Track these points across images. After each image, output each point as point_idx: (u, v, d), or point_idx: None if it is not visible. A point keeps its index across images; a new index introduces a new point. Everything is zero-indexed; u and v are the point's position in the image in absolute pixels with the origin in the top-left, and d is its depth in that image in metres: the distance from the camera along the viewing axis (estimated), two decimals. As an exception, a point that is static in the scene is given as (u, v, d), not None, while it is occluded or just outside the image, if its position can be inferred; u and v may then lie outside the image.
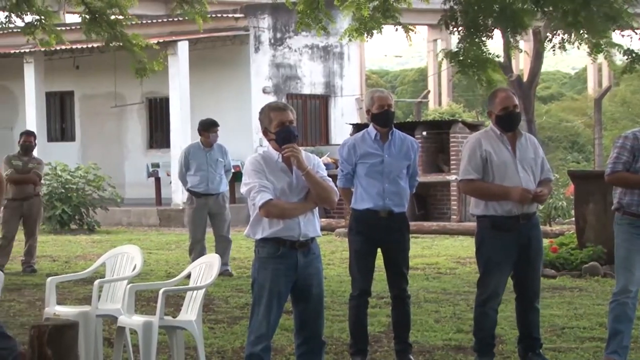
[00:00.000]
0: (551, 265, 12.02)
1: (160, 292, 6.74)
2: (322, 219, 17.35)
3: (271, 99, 22.61)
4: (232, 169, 13.18)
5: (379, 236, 7.19)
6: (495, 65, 12.78)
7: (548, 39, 14.51)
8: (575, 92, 51.96)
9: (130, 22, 14.81)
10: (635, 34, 13.84)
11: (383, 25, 13.05)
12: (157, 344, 6.78)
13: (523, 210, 6.85)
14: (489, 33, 12.53)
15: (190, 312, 6.87)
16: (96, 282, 7.25)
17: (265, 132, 5.98)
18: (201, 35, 21.71)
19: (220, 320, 9.12)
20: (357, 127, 19.90)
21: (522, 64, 39.05)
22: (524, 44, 27.85)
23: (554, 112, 40.52)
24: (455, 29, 12.93)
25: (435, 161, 20.23)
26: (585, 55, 14.18)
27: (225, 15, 23.86)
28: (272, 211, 5.79)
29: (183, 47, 22.38)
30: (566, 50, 13.21)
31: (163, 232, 20.22)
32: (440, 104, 45.05)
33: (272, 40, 24.47)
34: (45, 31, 14.23)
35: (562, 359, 7.38)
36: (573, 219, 14.25)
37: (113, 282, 7.42)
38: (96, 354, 7.12)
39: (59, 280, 7.82)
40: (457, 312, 9.41)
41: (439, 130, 20.21)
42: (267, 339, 5.89)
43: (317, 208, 5.95)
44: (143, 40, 14.45)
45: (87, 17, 14.24)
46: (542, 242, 7.15)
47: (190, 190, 12.41)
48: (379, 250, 7.27)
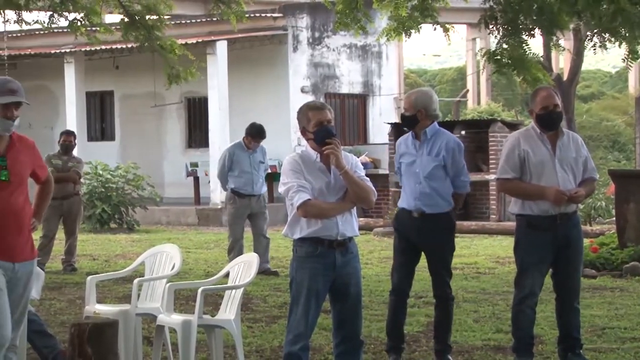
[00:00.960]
0: (591, 266, 11.93)
1: (199, 291, 6.76)
2: (361, 219, 17.33)
3: (309, 98, 22.60)
4: (269, 169, 13.29)
5: (414, 236, 7.20)
6: (535, 64, 12.68)
7: (588, 37, 14.39)
8: (616, 90, 51.53)
9: (168, 23, 14.89)
10: None
11: (421, 25, 13.00)
12: (196, 343, 6.81)
13: (560, 210, 6.80)
14: (530, 32, 12.44)
15: (228, 311, 6.89)
16: (136, 281, 7.29)
17: (304, 131, 5.98)
18: (239, 35, 21.77)
19: (259, 319, 9.14)
20: (395, 127, 19.88)
21: (562, 63, 38.76)
22: (564, 42, 27.65)
23: (594, 111, 40.23)
24: (494, 29, 12.85)
25: (474, 160, 20.12)
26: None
27: (263, 15, 23.91)
28: (310, 211, 5.79)
29: (222, 46, 22.46)
30: (607, 49, 13.06)
31: (201, 231, 20.29)
32: (479, 103, 44.82)
33: (310, 40, 24.48)
34: (90, 28, 14.32)
35: (602, 359, 7.33)
36: (613, 218, 14.15)
37: (152, 281, 7.46)
38: (135, 353, 7.16)
39: (99, 279, 7.88)
40: (496, 312, 9.37)
41: (478, 130, 20.12)
42: (306, 338, 5.89)
43: (355, 207, 5.95)
44: (180, 47, 14.51)
45: (125, 19, 14.34)
46: (583, 242, 7.08)
47: (235, 191, 12.48)
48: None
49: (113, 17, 21.11)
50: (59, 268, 13.23)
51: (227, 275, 7.13)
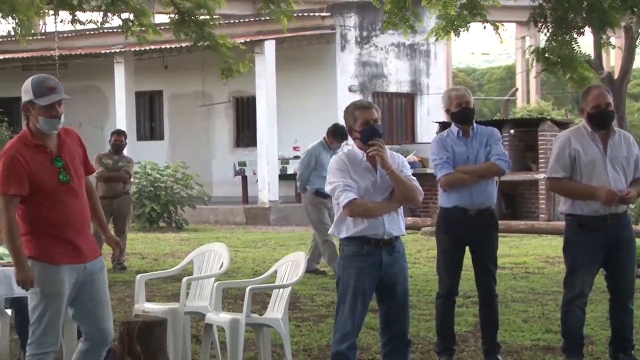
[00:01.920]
0: (644, 266, 11.77)
1: (247, 290, 6.78)
2: (408, 218, 17.29)
3: (357, 97, 22.58)
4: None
5: (468, 234, 7.13)
6: (583, 63, 12.54)
7: (640, 35, 14.24)
8: (667, 88, 50.79)
9: (218, 22, 14.95)
10: None
11: (470, 24, 12.92)
12: (244, 342, 6.84)
13: (611, 210, 6.72)
14: (580, 30, 12.32)
15: (276, 310, 6.91)
16: (184, 280, 7.33)
17: (350, 130, 5.98)
18: (288, 35, 21.79)
19: (307, 319, 9.15)
20: (443, 125, 19.80)
21: (612, 61, 38.36)
22: (615, 40, 27.36)
23: (645, 110, 39.72)
24: (544, 27, 12.75)
25: (523, 159, 19.98)
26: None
27: (311, 14, 23.93)
28: (356, 210, 5.79)
29: (270, 46, 22.50)
30: (659, 46, 12.90)
31: (249, 230, 20.36)
32: (528, 102, 44.50)
33: (358, 39, 24.46)
34: (140, 29, 14.41)
35: (653, 361, 7.24)
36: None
37: (201, 280, 7.50)
38: (184, 351, 7.20)
39: (148, 278, 7.94)
40: (545, 312, 9.30)
41: (527, 129, 19.97)
42: (353, 337, 5.89)
43: (402, 207, 5.93)
44: (230, 42, 14.56)
45: (176, 17, 14.42)
46: (635, 242, 6.99)
47: (320, 192, 11.93)
48: (467, 248, 7.23)
49: (162, 17, 21.26)
50: (108, 266, 13.25)
51: (274, 274, 7.15)
